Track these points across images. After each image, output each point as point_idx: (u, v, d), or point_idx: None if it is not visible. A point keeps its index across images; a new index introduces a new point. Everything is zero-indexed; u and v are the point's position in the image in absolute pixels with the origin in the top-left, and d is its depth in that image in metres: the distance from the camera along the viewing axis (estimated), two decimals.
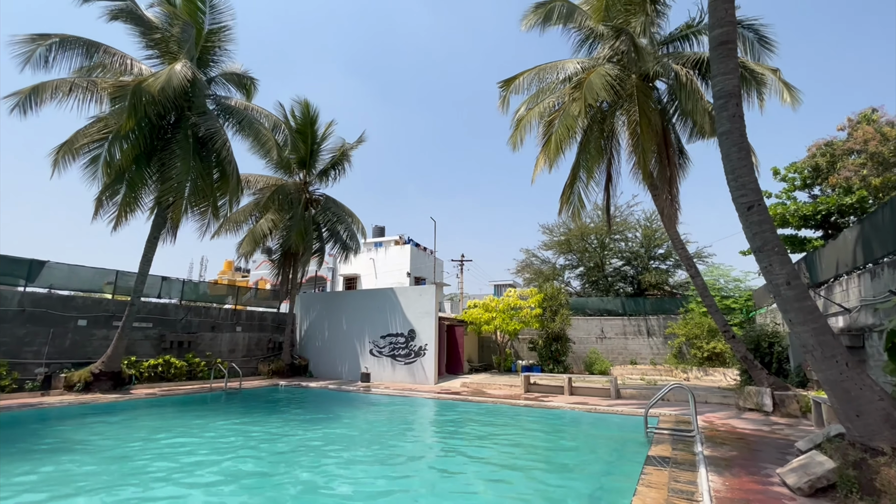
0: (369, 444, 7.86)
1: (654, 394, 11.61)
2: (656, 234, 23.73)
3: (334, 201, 19.29)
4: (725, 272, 19.75)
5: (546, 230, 27.30)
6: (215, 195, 13.97)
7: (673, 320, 19.89)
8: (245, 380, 15.50)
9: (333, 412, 11.33)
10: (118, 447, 7.13)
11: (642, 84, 11.54)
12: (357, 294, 20.38)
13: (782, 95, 11.09)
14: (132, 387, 12.97)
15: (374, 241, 32.09)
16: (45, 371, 12.01)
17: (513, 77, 12.91)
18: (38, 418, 9.31)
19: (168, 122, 13.40)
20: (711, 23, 6.04)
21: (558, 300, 18.45)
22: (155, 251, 13.29)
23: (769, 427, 8.22)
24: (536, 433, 9.24)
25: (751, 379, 10.91)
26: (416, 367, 16.43)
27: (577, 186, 12.88)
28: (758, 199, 5.63)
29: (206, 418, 10.00)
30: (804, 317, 5.14)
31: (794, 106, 11.01)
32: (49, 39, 11.38)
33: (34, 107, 11.32)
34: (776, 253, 5.40)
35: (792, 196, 16.47)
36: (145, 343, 14.66)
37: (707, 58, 11.00)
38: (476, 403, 12.07)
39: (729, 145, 5.79)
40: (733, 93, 5.82)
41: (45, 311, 12.41)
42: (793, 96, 11.03)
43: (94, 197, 12.76)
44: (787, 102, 11.01)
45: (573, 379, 13.35)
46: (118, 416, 9.83)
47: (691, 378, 16.82)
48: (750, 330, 13.05)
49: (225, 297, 18.92)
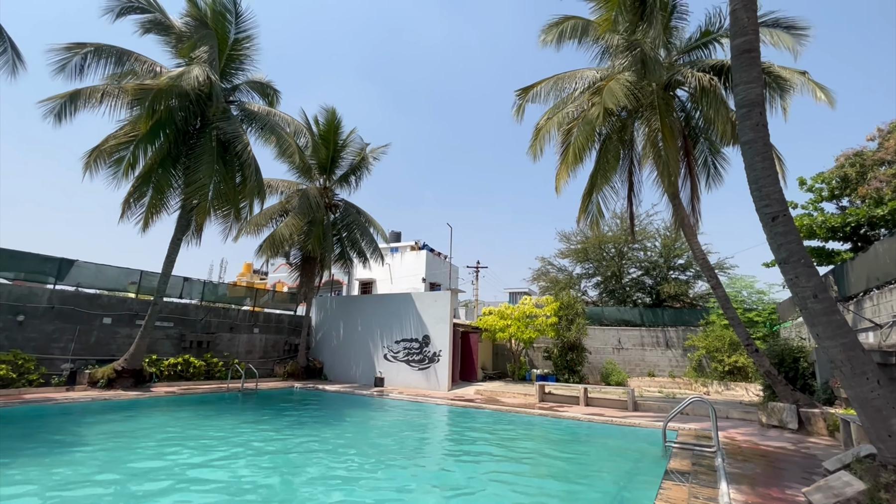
0: (383, 451, 7.87)
1: (673, 407, 11.36)
2: (676, 244, 23.30)
3: (354, 207, 19.52)
4: (748, 284, 19.25)
5: (563, 238, 27.10)
6: (237, 198, 14.29)
7: (693, 332, 19.44)
8: (261, 381, 15.72)
9: (347, 416, 11.39)
10: (138, 443, 7.30)
11: (663, 93, 11.42)
12: (372, 298, 20.50)
13: (815, 94, 10.78)
14: (153, 384, 13.28)
15: (390, 247, 32.30)
16: (70, 367, 12.40)
17: (531, 85, 12.93)
18: (60, 412, 9.60)
19: (194, 128, 13.81)
20: (733, 31, 5.95)
21: (574, 309, 18.22)
22: (178, 252, 13.64)
23: (794, 445, 7.94)
24: (551, 443, 9.11)
25: (774, 395, 10.57)
26: (430, 373, 16.41)
27: (596, 195, 12.77)
28: (783, 210, 5.49)
29: (222, 418, 10.17)
30: (833, 331, 4.97)
31: (830, 104, 10.68)
32: (84, 48, 11.87)
33: (70, 114, 11.79)
34: (802, 265, 5.25)
35: (819, 207, 15.98)
36: (166, 342, 15.01)
37: (729, 65, 10.83)
38: (490, 411, 11.98)
39: (752, 154, 5.67)
40: (757, 102, 5.71)
41: (72, 309, 12.83)
42: (827, 95, 10.72)
43: (121, 199, 13.21)
44: (823, 100, 10.70)
45: (589, 389, 13.14)
46: (138, 412, 10.08)
47: (711, 392, 16.38)
48: (774, 344, 12.65)
49: (243, 298, 19.27)
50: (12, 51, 10.04)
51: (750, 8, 5.77)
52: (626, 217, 14.30)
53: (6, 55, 9.87)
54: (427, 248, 31.95)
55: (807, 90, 10.92)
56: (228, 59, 14.33)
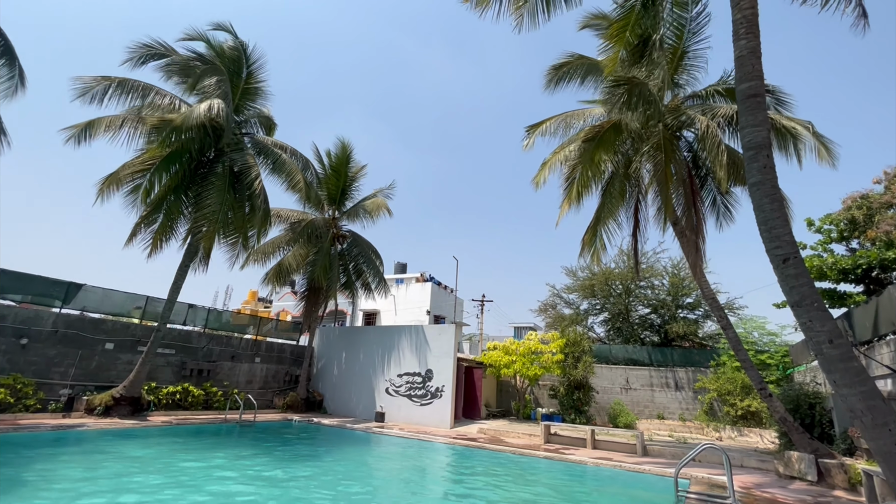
0: (375, 493, 7.55)
1: (684, 452, 10.90)
2: (684, 283, 23.05)
3: (361, 238, 19.66)
4: (760, 325, 18.85)
5: (569, 273, 26.94)
6: (246, 227, 14.47)
7: (703, 373, 18.91)
8: (259, 412, 15.37)
9: (344, 454, 11.03)
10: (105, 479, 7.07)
11: (668, 133, 11.62)
12: (376, 330, 20.28)
13: (819, 153, 10.93)
14: (150, 413, 13.02)
15: (395, 278, 32.30)
16: (69, 392, 12.23)
17: (539, 122, 13.25)
18: (52, 440, 9.38)
19: (207, 157, 14.17)
20: (739, 77, 6.10)
21: (581, 346, 17.86)
22: (185, 279, 13.69)
23: (814, 498, 7.52)
24: (558, 490, 8.70)
25: (791, 442, 10.13)
26: (433, 409, 15.97)
27: (600, 229, 12.80)
28: (793, 252, 5.44)
29: (211, 451, 9.87)
30: (850, 379, 4.81)
31: (832, 163, 10.80)
32: (110, 81, 12.40)
33: (88, 139, 12.26)
34: (816, 308, 5.14)
35: (828, 248, 15.85)
36: (166, 369, 14.83)
37: (735, 111, 11.06)
38: (493, 452, 11.55)
39: (760, 196, 5.69)
40: (763, 144, 5.79)
41: (76, 333, 12.80)
42: (829, 152, 10.85)
43: (133, 223, 13.42)
44: (826, 160, 10.82)
45: (596, 431, 12.70)
46: (129, 442, 9.82)
47: (724, 438, 15.74)
48: (788, 388, 12.26)
49: (246, 326, 19.15)
50: (19, 78, 10.78)
51: (755, 55, 5.95)
52: (632, 254, 14.26)
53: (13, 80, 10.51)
54: (433, 281, 31.87)
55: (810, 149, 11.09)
56: (242, 93, 14.84)
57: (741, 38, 6.07)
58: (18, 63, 10.87)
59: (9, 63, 10.62)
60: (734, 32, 6.18)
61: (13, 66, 10.66)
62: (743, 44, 6.04)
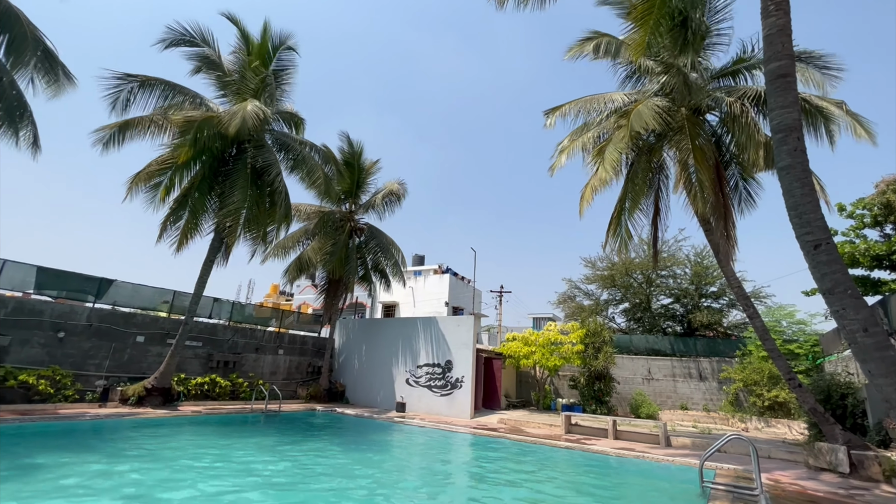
0: (402, 483, 7.68)
1: (709, 443, 10.74)
2: (708, 272, 22.52)
3: (378, 231, 19.81)
4: (789, 313, 18.30)
5: (588, 263, 26.62)
6: (266, 222, 14.71)
7: (728, 364, 18.52)
8: (284, 402, 15.75)
9: (369, 442, 11.24)
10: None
11: (693, 117, 11.28)
12: (395, 322, 20.47)
13: (854, 131, 10.41)
14: (180, 403, 13.49)
15: (413, 270, 32.43)
16: (104, 384, 12.76)
17: (558, 106, 12.99)
18: (92, 429, 9.82)
19: (230, 154, 14.43)
20: (767, 56, 5.87)
21: (601, 336, 17.68)
22: (210, 273, 14.04)
23: (846, 490, 7.32)
24: (579, 479, 8.69)
25: (821, 434, 9.85)
26: (453, 400, 16.10)
27: (624, 218, 12.56)
28: (825, 238, 5.25)
29: (246, 439, 10.19)
30: (886, 368, 4.64)
31: (872, 140, 10.28)
32: (134, 79, 12.68)
33: (118, 143, 12.62)
34: (849, 296, 4.97)
35: (861, 234, 15.22)
36: (194, 361, 15.31)
37: (763, 91, 10.64)
38: (514, 441, 11.60)
39: (791, 180, 5.49)
40: (793, 126, 5.57)
41: (108, 327, 13.31)
42: (867, 130, 10.33)
43: (159, 221, 13.79)
44: (864, 137, 10.32)
45: (618, 422, 12.60)
46: (168, 430, 10.21)
47: (750, 429, 15.42)
48: (818, 379, 11.89)
49: (269, 319, 19.58)
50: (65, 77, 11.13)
51: (785, 33, 5.70)
52: (651, 243, 13.98)
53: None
54: (450, 272, 31.91)
55: (845, 127, 10.57)
56: (268, 91, 15.01)
57: (770, 15, 5.82)
58: (61, 63, 11.21)
59: (51, 67, 10.96)
60: (763, 9, 5.93)
61: (55, 68, 11.01)
62: (772, 21, 5.80)
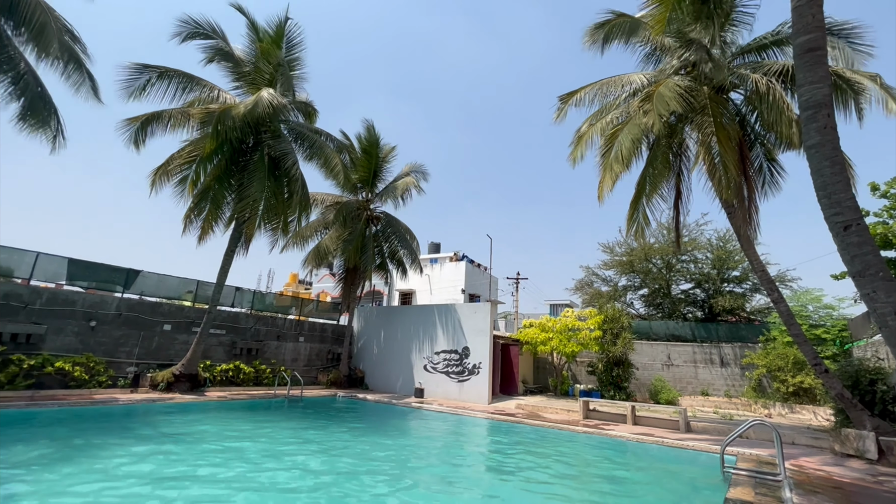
0: (425, 466, 7.83)
1: (730, 429, 10.62)
2: (731, 255, 21.98)
3: (394, 219, 19.90)
4: (816, 298, 17.78)
5: (606, 249, 26.26)
6: (285, 212, 14.91)
7: (751, 349, 18.17)
8: (305, 388, 16.15)
9: (391, 426, 11.48)
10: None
11: (716, 96, 10.90)
12: (413, 309, 20.66)
13: (886, 105, 9.94)
14: (206, 389, 13.97)
15: (429, 258, 32.56)
16: (135, 370, 13.29)
17: (573, 91, 12.72)
18: (124, 413, 10.26)
19: (247, 145, 14.61)
20: (796, 29, 5.62)
21: (620, 322, 17.53)
22: (231, 263, 14.36)
23: (873, 477, 7.17)
24: (598, 465, 8.73)
25: (848, 420, 9.63)
26: (470, 385, 16.26)
27: (643, 203, 12.31)
28: (856, 218, 5.06)
29: (272, 424, 10.51)
30: None
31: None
32: (152, 70, 12.89)
33: (146, 137, 12.92)
34: (881, 278, 4.80)
35: (895, 215, 14.60)
36: (219, 349, 15.79)
37: (791, 66, 10.21)
38: (532, 427, 11.68)
39: (820, 159, 5.29)
40: (824, 103, 5.34)
41: (137, 316, 13.79)
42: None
43: (182, 214, 14.12)
44: (894, 113, 9.86)
45: (637, 408, 12.54)
46: (201, 414, 10.61)
47: (774, 415, 15.18)
48: (846, 364, 11.57)
49: (289, 307, 20.00)
50: (90, 82, 11.35)
51: (815, 4, 5.43)
52: (673, 227, 13.68)
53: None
54: (467, 260, 31.94)
55: (876, 100, 10.09)
56: (282, 79, 15.09)
57: None
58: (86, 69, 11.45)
59: (77, 68, 11.21)
60: None
61: (81, 71, 11.26)
62: None
